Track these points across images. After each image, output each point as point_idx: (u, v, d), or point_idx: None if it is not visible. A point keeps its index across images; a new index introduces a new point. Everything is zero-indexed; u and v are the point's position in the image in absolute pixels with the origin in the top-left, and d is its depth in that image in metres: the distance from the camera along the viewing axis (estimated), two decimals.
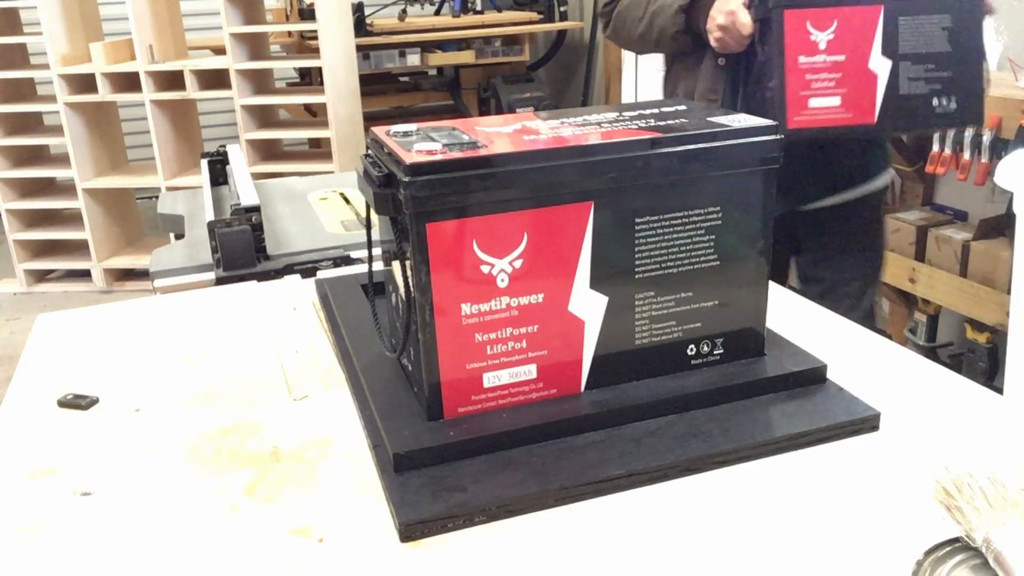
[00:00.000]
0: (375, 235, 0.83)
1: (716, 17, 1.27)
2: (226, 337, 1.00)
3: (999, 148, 2.18)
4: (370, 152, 0.78)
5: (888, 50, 1.18)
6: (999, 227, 2.39)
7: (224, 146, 1.77)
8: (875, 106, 1.19)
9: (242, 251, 1.23)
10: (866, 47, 1.18)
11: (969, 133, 2.24)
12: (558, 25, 4.75)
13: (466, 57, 4.43)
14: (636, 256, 0.75)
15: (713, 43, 1.30)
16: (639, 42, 1.46)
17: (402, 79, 4.74)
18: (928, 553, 0.58)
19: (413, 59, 4.40)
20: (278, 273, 1.22)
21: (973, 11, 1.20)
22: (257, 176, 1.55)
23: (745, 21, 1.23)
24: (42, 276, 3.95)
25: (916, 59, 1.18)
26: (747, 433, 0.73)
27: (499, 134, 0.76)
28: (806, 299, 1.03)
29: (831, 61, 1.17)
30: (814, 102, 1.18)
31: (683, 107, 0.85)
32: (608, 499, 0.67)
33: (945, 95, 1.19)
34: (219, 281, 1.21)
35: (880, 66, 1.18)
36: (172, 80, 3.56)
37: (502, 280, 0.71)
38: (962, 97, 1.20)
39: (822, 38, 1.17)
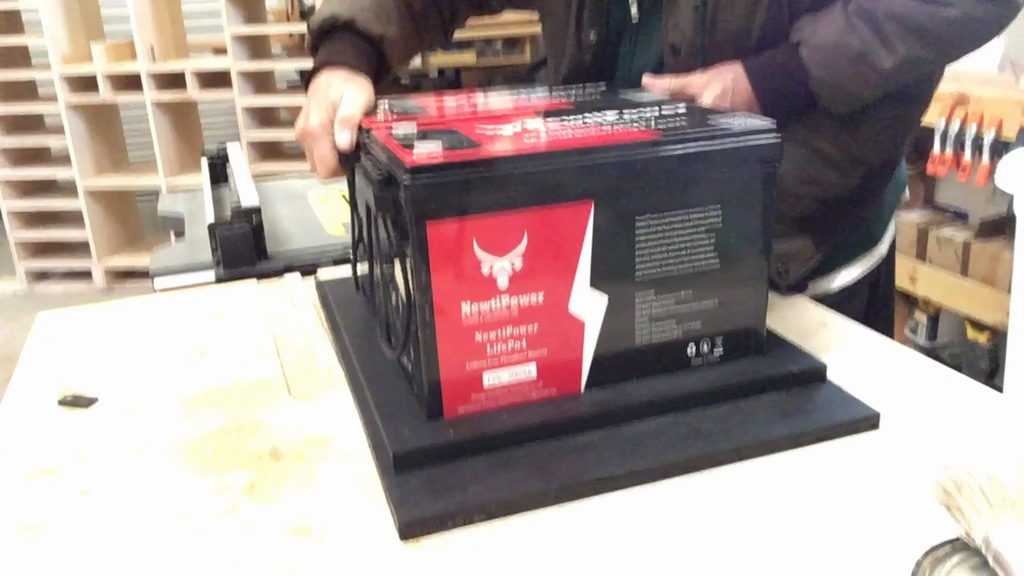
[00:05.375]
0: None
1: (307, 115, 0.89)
2: (226, 337, 1.00)
3: (1000, 149, 2.18)
4: (370, 152, 0.78)
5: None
6: (999, 227, 2.39)
7: (224, 145, 1.77)
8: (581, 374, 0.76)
9: (242, 251, 1.23)
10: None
11: (970, 134, 2.24)
12: None
13: (467, 58, 4.43)
14: (636, 256, 0.75)
15: None
16: None
17: (402, 80, 4.74)
18: (928, 553, 0.58)
19: (413, 60, 4.40)
20: (278, 273, 1.22)
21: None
22: (257, 176, 1.55)
23: (324, 153, 0.87)
24: (42, 276, 3.96)
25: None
26: (747, 433, 0.73)
27: (499, 134, 0.76)
28: (805, 299, 1.03)
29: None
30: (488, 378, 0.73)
31: (683, 107, 0.85)
32: (608, 499, 0.67)
33: (707, 339, 0.79)
34: (219, 281, 1.21)
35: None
36: (173, 81, 3.57)
37: (502, 280, 0.71)
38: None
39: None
